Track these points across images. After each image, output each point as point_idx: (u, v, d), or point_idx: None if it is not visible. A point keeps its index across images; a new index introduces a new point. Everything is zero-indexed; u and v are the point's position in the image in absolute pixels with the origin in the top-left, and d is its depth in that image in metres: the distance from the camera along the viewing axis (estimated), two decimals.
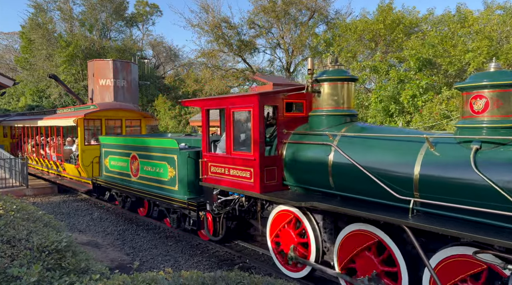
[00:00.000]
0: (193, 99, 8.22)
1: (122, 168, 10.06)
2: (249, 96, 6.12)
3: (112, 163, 10.58)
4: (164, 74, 40.05)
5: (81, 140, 12.95)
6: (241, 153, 6.32)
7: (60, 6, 33.25)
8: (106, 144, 10.93)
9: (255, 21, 26.97)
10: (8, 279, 2.58)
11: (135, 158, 9.46)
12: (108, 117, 13.76)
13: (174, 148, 8.13)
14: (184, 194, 7.96)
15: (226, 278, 2.90)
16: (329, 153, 5.47)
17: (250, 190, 6.14)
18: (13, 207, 4.86)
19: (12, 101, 37.11)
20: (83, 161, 12.76)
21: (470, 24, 16.46)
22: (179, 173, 8.02)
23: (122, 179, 10.13)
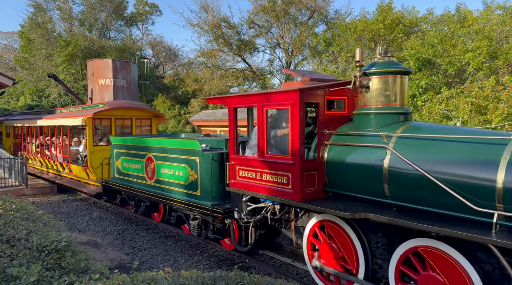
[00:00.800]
0: (219, 96, 7.54)
1: (136, 170, 9.43)
2: (287, 92, 5.42)
3: (124, 165, 9.95)
4: (163, 74, 40.03)
5: (90, 140, 12.22)
6: (276, 156, 5.69)
7: (59, 6, 33.22)
8: (118, 145, 10.31)
9: (255, 20, 26.96)
10: (8, 279, 2.58)
11: (151, 160, 8.80)
12: (118, 116, 12.97)
13: (196, 150, 7.47)
14: (207, 200, 7.30)
15: (225, 277, 2.90)
16: (384, 156, 4.74)
17: (287, 197, 5.46)
18: (13, 207, 4.86)
19: (11, 101, 37.07)
20: (92, 162, 12.05)
21: (469, 24, 16.47)
22: (202, 177, 7.38)
23: (136, 182, 9.45)
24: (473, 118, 12.00)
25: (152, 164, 8.80)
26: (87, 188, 12.34)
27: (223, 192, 7.19)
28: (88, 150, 12.11)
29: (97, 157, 12.09)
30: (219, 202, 7.27)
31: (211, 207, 7.09)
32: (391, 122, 5.17)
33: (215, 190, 7.33)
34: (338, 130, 5.60)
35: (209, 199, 7.30)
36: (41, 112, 19.34)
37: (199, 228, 7.80)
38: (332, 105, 5.87)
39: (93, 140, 12.48)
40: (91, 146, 12.22)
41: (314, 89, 5.49)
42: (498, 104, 11.82)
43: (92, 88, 19.16)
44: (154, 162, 8.72)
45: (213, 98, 7.61)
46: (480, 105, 12.12)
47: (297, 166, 5.31)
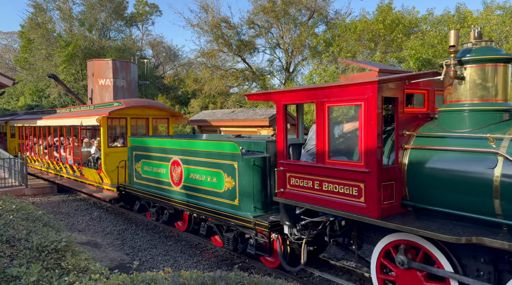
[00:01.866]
0: (263, 92, 6.64)
1: (160, 175, 8.53)
2: (360, 85, 4.52)
3: (145, 169, 9.09)
4: (163, 74, 40.04)
5: (104, 141, 11.19)
6: (342, 163, 4.81)
7: (59, 6, 33.22)
8: (137, 147, 9.38)
9: (255, 21, 26.97)
10: (8, 279, 2.58)
11: (177, 164, 7.92)
12: (134, 116, 11.97)
13: (235, 154, 6.53)
14: (248, 211, 6.41)
15: (225, 278, 2.90)
16: (494, 164, 3.83)
17: (358, 212, 4.59)
18: (13, 207, 4.86)
19: (11, 101, 37.08)
20: (107, 165, 11.04)
21: (469, 24, 16.47)
22: (241, 185, 6.46)
23: (159, 187, 8.58)
24: None
25: (179, 169, 7.90)
26: (101, 193, 11.48)
27: (265, 202, 6.42)
28: (103, 152, 11.15)
29: (112, 159, 11.12)
30: (262, 213, 6.41)
31: (254, 220, 6.17)
32: (491, 121, 4.22)
33: (257, 200, 6.43)
34: (419, 130, 4.70)
35: (250, 210, 6.39)
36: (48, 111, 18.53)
37: (235, 241, 6.93)
38: (410, 101, 4.97)
39: (107, 141, 11.59)
40: (106, 147, 11.22)
41: (395, 81, 4.57)
42: None
43: (92, 88, 19.18)
44: (181, 167, 7.81)
45: (255, 94, 6.64)
46: None
47: (373, 175, 4.41)
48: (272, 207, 6.38)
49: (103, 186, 11.50)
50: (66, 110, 15.46)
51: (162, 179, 8.47)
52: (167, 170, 8.29)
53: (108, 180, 11.10)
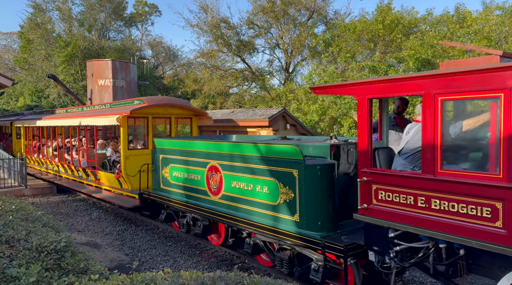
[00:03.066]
0: (336, 83, 5.40)
1: (193, 182, 7.57)
2: (496, 70, 3.44)
3: (175, 174, 8.07)
4: (163, 74, 40.06)
5: (124, 143, 10.16)
6: (464, 174, 3.76)
7: (59, 6, 33.21)
8: (165, 150, 8.37)
9: (254, 21, 27.00)
10: (7, 280, 2.58)
11: (216, 170, 6.96)
12: (156, 115, 10.88)
13: (295, 160, 5.43)
14: (313, 229, 5.31)
15: (225, 278, 2.90)
16: None
17: (492, 240, 3.57)
18: (12, 207, 4.86)
19: (10, 101, 37.08)
20: (127, 169, 10.03)
21: (469, 24, 16.50)
22: (303, 197, 5.41)
23: (192, 196, 7.62)
24: None
25: (218, 176, 6.94)
26: (120, 199, 10.36)
27: (333, 219, 5.40)
28: (122, 155, 10.09)
29: (133, 163, 10.12)
30: (330, 232, 5.30)
31: (322, 241, 5.09)
32: None
33: (324, 216, 5.35)
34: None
35: (315, 228, 5.32)
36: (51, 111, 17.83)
37: (290, 263, 5.91)
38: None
39: (128, 143, 10.60)
40: (126, 150, 10.14)
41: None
42: None
43: (91, 88, 19.18)
44: (221, 173, 6.84)
45: (323, 87, 5.42)
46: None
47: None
48: (340, 224, 5.39)
49: (122, 192, 10.44)
50: (78, 109, 14.39)
51: (196, 187, 7.49)
52: (202, 176, 7.31)
53: (128, 185, 10.06)
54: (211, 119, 11.85)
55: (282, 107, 15.21)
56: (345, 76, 18.01)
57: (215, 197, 7.06)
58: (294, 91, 22.11)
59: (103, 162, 11.40)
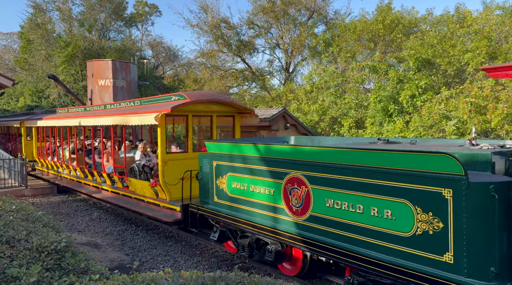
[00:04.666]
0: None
1: (263, 196, 6.18)
2: None
3: (235, 186, 6.70)
4: (163, 74, 40.05)
5: (163, 146, 8.76)
6: None
7: (59, 6, 33.21)
8: (222, 156, 6.98)
9: (254, 21, 27.01)
10: (8, 280, 2.58)
11: (299, 183, 5.53)
12: (196, 113, 9.45)
13: (449, 175, 3.95)
14: (479, 277, 3.81)
15: (226, 278, 2.91)
16: None
17: None
18: (12, 208, 4.86)
19: (11, 102, 37.10)
20: (166, 177, 8.65)
21: (469, 24, 16.50)
22: (463, 229, 3.89)
23: (261, 214, 6.22)
24: (473, 118, 12.02)
25: (303, 190, 5.52)
26: (158, 212, 8.98)
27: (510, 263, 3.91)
28: (160, 160, 8.75)
29: (172, 169, 8.73)
30: (506, 283, 3.83)
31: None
32: None
33: (502, 259, 3.83)
34: None
35: (485, 275, 3.80)
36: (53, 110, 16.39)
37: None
38: None
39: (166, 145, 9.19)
40: (164, 154, 8.76)
41: None
42: (497, 104, 11.85)
43: (92, 88, 19.20)
44: (308, 187, 5.41)
45: (501, 67, 4.64)
46: (479, 105, 12.15)
47: None
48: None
49: (158, 203, 9.07)
50: (98, 108, 12.95)
51: (267, 203, 6.10)
52: (277, 191, 5.90)
53: (166, 195, 8.72)
54: (256, 118, 10.22)
55: (282, 107, 15.21)
56: (345, 76, 18.01)
57: (297, 218, 5.60)
58: (294, 91, 22.12)
59: (131, 167, 10.09)
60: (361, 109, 16.89)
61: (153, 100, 10.19)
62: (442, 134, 13.04)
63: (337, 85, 18.46)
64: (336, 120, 17.78)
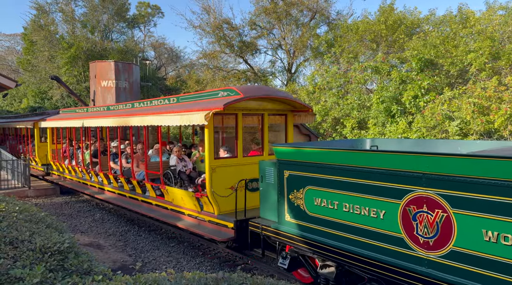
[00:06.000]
0: None
1: (364, 219, 4.78)
2: None
3: (318, 203, 5.34)
4: (165, 75, 40.13)
5: (211, 149, 7.43)
6: None
7: (62, 8, 33.36)
8: (296, 163, 5.61)
9: (257, 22, 27.04)
10: (11, 280, 2.58)
11: (431, 204, 4.13)
12: (247, 111, 8.09)
13: None
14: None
15: (228, 279, 2.90)
16: None
17: None
18: (16, 208, 4.87)
19: (14, 103, 37.25)
20: (214, 186, 7.36)
21: (472, 24, 16.45)
22: None
23: (359, 241, 4.83)
24: (476, 119, 11.98)
25: (438, 216, 4.10)
26: (203, 228, 7.73)
27: None
28: (207, 166, 7.40)
29: (221, 177, 7.50)
30: None
31: None
32: None
33: None
34: None
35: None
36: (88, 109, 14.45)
37: None
38: None
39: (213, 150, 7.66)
40: (212, 159, 7.46)
41: None
42: (500, 105, 11.80)
43: (94, 89, 19.24)
44: (448, 212, 4.00)
45: None
46: (482, 105, 12.11)
47: None
48: None
49: (204, 218, 7.77)
50: (123, 107, 11.49)
51: (370, 228, 4.71)
52: (391, 213, 4.51)
53: (214, 208, 7.43)
54: (313, 117, 8.82)
55: None
56: (348, 77, 17.98)
57: (426, 253, 4.17)
58: (296, 91, 22.10)
59: (165, 173, 9.06)
60: (363, 109, 16.86)
61: (194, 97, 8.75)
62: (445, 134, 13.00)
63: (339, 85, 18.44)
64: (339, 121, 17.75)
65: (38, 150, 16.81)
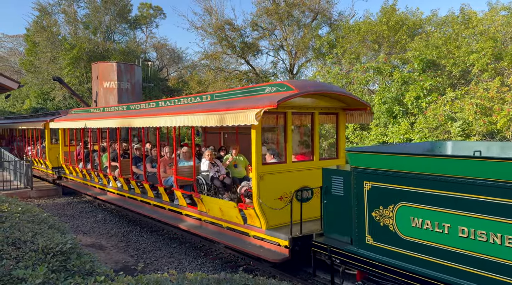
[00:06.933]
0: None
1: (494, 249, 3.79)
2: None
3: (418, 225, 4.34)
4: (167, 76, 40.18)
5: (258, 153, 6.51)
6: None
7: (64, 9, 33.47)
8: (384, 173, 4.61)
9: (258, 23, 27.05)
10: (14, 281, 2.59)
11: None
12: (297, 109, 7.03)
13: None
14: None
15: (230, 280, 2.90)
16: None
17: None
18: (18, 209, 4.88)
19: (17, 104, 37.38)
20: (262, 196, 6.43)
21: (474, 25, 16.41)
22: None
23: (483, 278, 3.83)
24: (478, 120, 11.95)
25: None
26: (247, 244, 6.80)
27: None
28: (255, 174, 6.49)
29: (270, 186, 6.60)
30: None
31: None
32: None
33: None
34: None
35: None
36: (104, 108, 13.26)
37: None
38: None
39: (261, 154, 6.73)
40: (260, 165, 6.53)
41: None
42: (503, 106, 11.76)
43: (96, 90, 19.30)
44: None
45: None
46: (485, 106, 12.08)
47: None
48: None
49: (246, 231, 6.87)
50: (146, 106, 10.38)
51: (500, 260, 3.72)
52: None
53: (261, 221, 6.48)
54: (370, 116, 7.63)
55: None
56: (350, 78, 17.97)
57: None
58: None
59: (197, 179, 8.20)
60: None
61: (233, 94, 7.59)
62: (447, 135, 12.97)
63: (341, 86, 18.43)
64: None
65: (49, 152, 16.10)
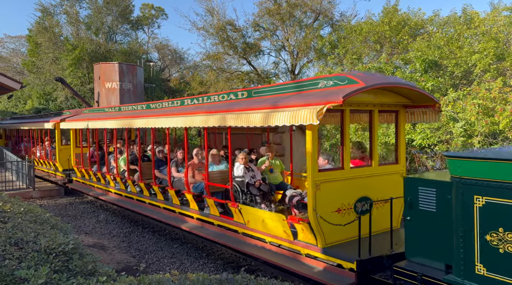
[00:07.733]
0: None
1: None
2: None
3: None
4: (169, 77, 40.22)
5: (314, 158, 5.53)
6: None
7: (66, 10, 33.56)
8: (505, 186, 3.56)
9: (260, 23, 27.06)
10: (16, 281, 2.60)
11: None
12: (355, 107, 5.93)
13: None
14: None
15: (232, 280, 2.90)
16: None
17: None
18: (21, 210, 4.90)
19: (19, 104, 37.49)
20: (318, 208, 5.49)
21: (476, 25, 16.38)
22: None
23: None
24: (480, 120, 11.92)
25: None
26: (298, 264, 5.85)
27: None
28: (311, 182, 5.49)
29: (327, 196, 5.64)
30: None
31: None
32: None
33: None
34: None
35: None
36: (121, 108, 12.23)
37: None
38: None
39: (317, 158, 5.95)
40: (315, 171, 5.55)
41: None
42: (505, 106, 11.73)
43: (98, 91, 19.34)
44: None
45: None
46: (487, 107, 12.05)
47: None
48: None
49: (297, 249, 5.94)
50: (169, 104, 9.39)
51: None
52: None
53: (318, 238, 5.56)
54: (437, 114, 6.33)
55: None
56: None
57: None
58: None
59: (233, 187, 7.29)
60: None
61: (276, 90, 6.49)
62: (449, 136, 12.95)
63: None
64: None
65: (59, 154, 15.24)
